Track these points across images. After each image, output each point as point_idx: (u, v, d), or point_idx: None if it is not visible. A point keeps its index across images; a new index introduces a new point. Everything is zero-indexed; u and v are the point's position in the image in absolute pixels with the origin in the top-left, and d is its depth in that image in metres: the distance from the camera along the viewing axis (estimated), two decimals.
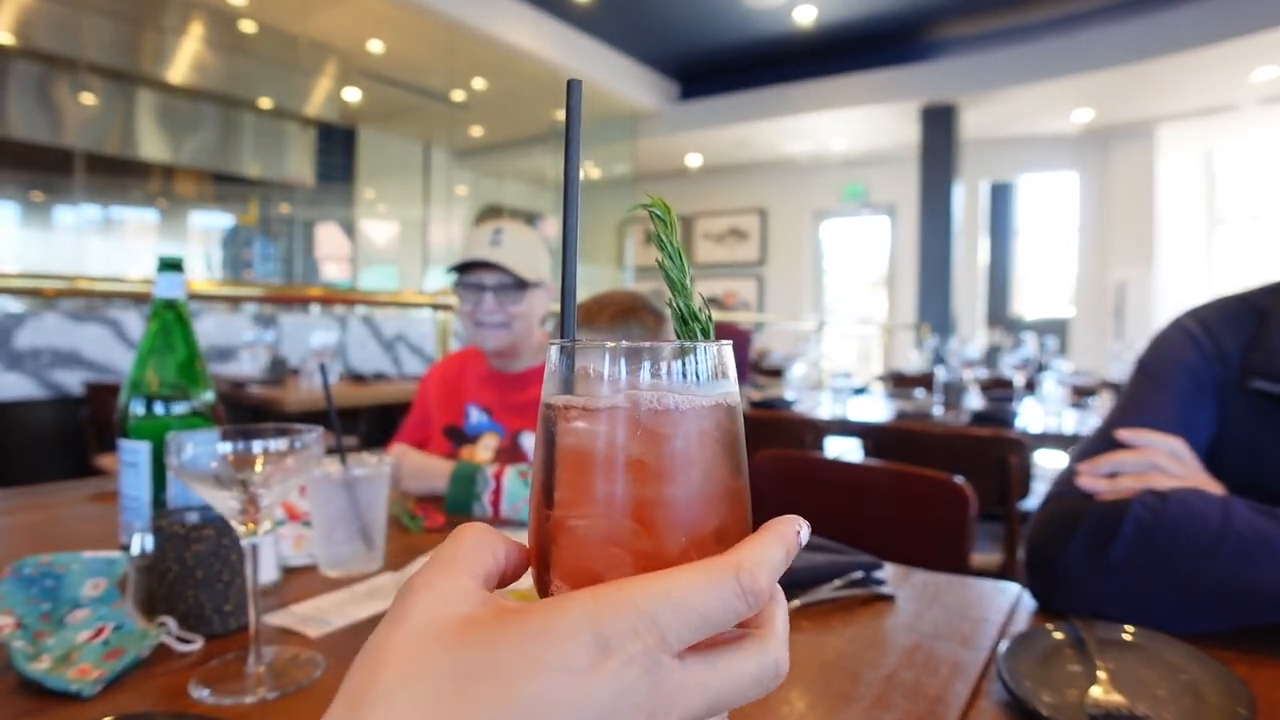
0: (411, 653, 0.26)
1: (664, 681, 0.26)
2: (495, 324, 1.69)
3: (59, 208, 7.50)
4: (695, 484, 0.32)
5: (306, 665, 0.70)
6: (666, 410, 0.32)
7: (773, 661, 0.30)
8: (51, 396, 3.97)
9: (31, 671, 0.66)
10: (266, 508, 0.67)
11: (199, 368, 0.97)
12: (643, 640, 0.26)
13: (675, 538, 0.31)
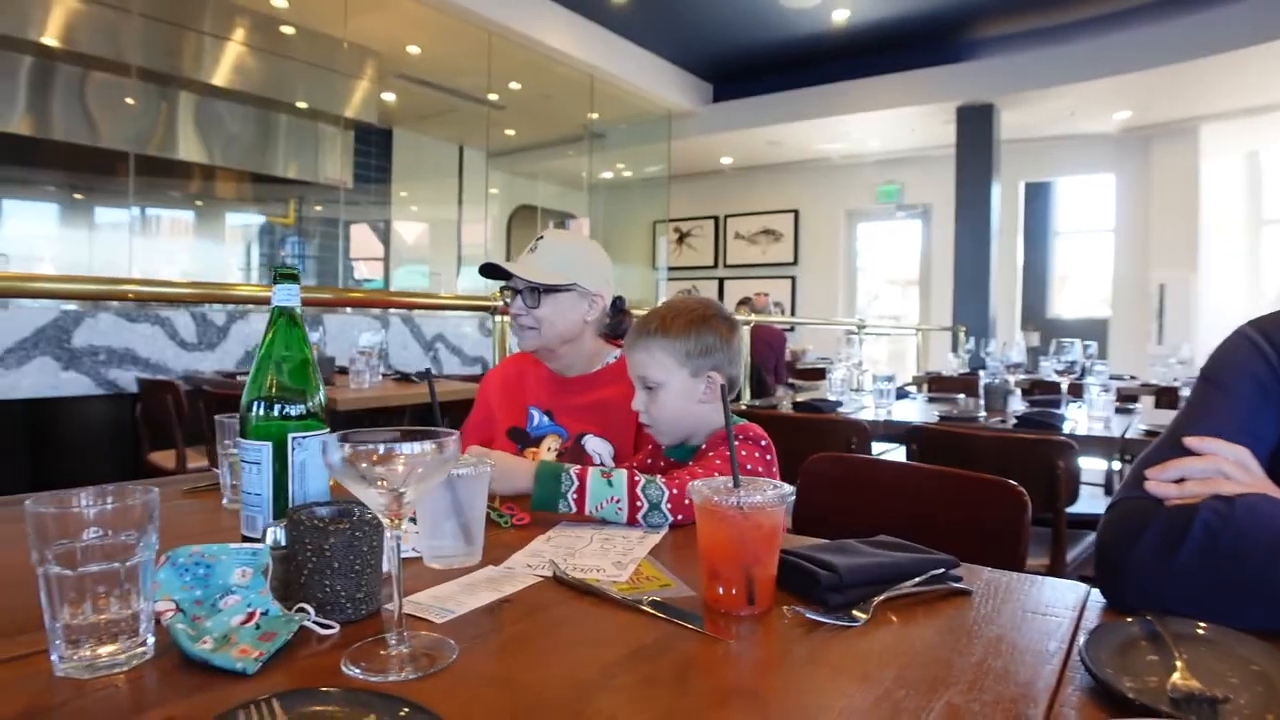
0: None
1: None
2: (524, 326, 1.77)
3: (99, 208, 7.69)
4: None
5: (443, 649, 0.76)
6: None
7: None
8: (106, 393, 4.09)
9: (197, 650, 0.73)
10: (408, 504, 0.73)
11: (311, 372, 1.03)
12: None
13: None
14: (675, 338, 1.44)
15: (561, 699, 0.69)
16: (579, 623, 0.88)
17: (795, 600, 0.93)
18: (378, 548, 0.86)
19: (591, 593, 0.95)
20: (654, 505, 1.25)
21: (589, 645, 0.82)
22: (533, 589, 0.97)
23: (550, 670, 0.76)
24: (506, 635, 0.84)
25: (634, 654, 0.79)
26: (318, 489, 1.01)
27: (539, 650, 0.81)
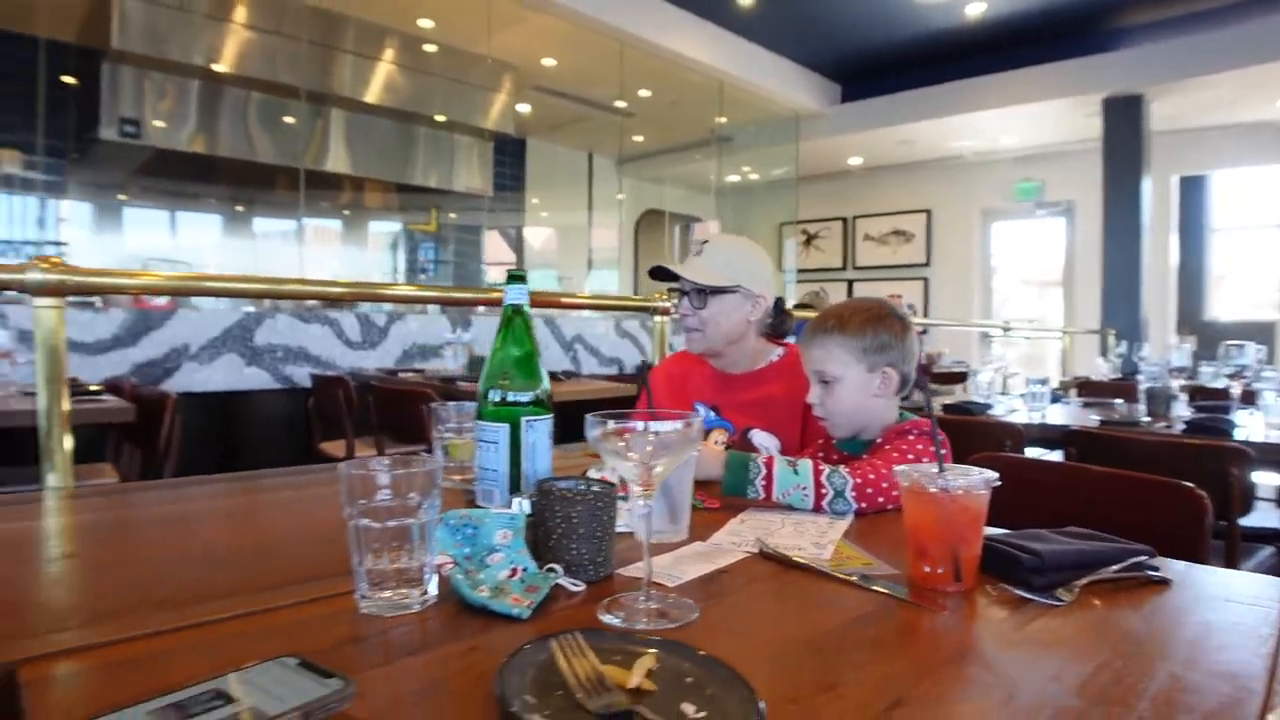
0: None
1: None
2: (689, 327, 1.85)
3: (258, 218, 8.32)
4: None
5: (686, 607, 0.85)
6: None
7: None
8: (282, 388, 4.45)
9: (476, 597, 0.84)
10: (657, 474, 0.82)
11: (536, 363, 1.14)
12: None
13: None
14: (852, 334, 1.49)
15: (802, 654, 0.77)
16: (795, 592, 0.95)
17: (995, 582, 0.98)
18: (613, 518, 0.96)
19: (798, 567, 1.02)
20: (838, 493, 1.31)
21: (810, 611, 0.89)
22: (743, 563, 1.05)
23: (784, 630, 0.84)
24: (734, 600, 0.92)
25: (855, 620, 0.86)
26: (545, 466, 1.12)
27: (767, 613, 0.89)
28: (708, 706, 0.63)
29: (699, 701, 0.63)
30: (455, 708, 0.65)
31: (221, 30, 6.32)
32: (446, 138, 8.20)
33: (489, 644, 0.77)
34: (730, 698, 0.63)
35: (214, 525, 1.31)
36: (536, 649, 0.70)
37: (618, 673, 0.66)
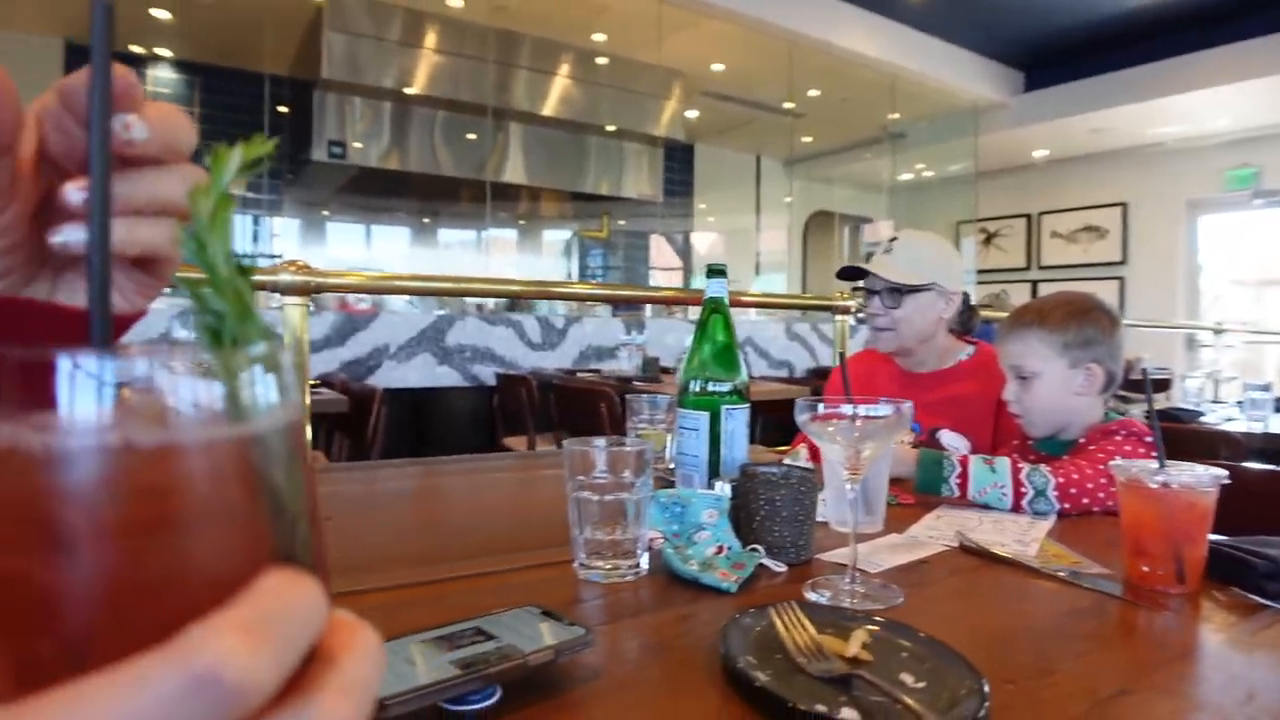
0: None
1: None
2: (883, 327, 1.82)
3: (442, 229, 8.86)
4: (174, 556, 0.21)
5: (890, 592, 0.86)
6: (126, 458, 0.21)
7: None
8: (469, 385, 4.74)
9: (687, 570, 0.89)
10: (865, 458, 0.84)
11: (736, 354, 1.19)
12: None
13: (130, 631, 0.20)
14: (1053, 329, 1.44)
15: (1014, 641, 0.77)
16: (1000, 585, 0.94)
17: (1222, 587, 0.92)
18: (814, 503, 0.99)
19: (1002, 561, 1.01)
20: (1039, 492, 1.27)
21: (1017, 602, 0.88)
22: (943, 555, 1.05)
23: (992, 619, 0.83)
24: (937, 589, 0.92)
25: (1068, 614, 0.84)
26: (742, 453, 1.17)
27: (972, 602, 0.88)
28: (927, 678, 0.64)
29: (917, 673, 0.65)
30: (681, 664, 0.70)
31: (412, 55, 6.80)
32: (617, 146, 8.43)
33: (700, 613, 0.82)
34: (949, 672, 0.65)
35: (439, 500, 1.44)
36: (756, 617, 0.74)
37: (834, 643, 0.69)
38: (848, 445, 0.84)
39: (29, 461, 0.21)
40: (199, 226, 0.25)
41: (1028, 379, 1.46)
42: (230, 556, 0.22)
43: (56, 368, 0.21)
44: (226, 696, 0.18)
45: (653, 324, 5.38)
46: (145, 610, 0.21)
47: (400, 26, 6.58)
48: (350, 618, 0.23)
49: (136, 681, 0.18)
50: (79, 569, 0.20)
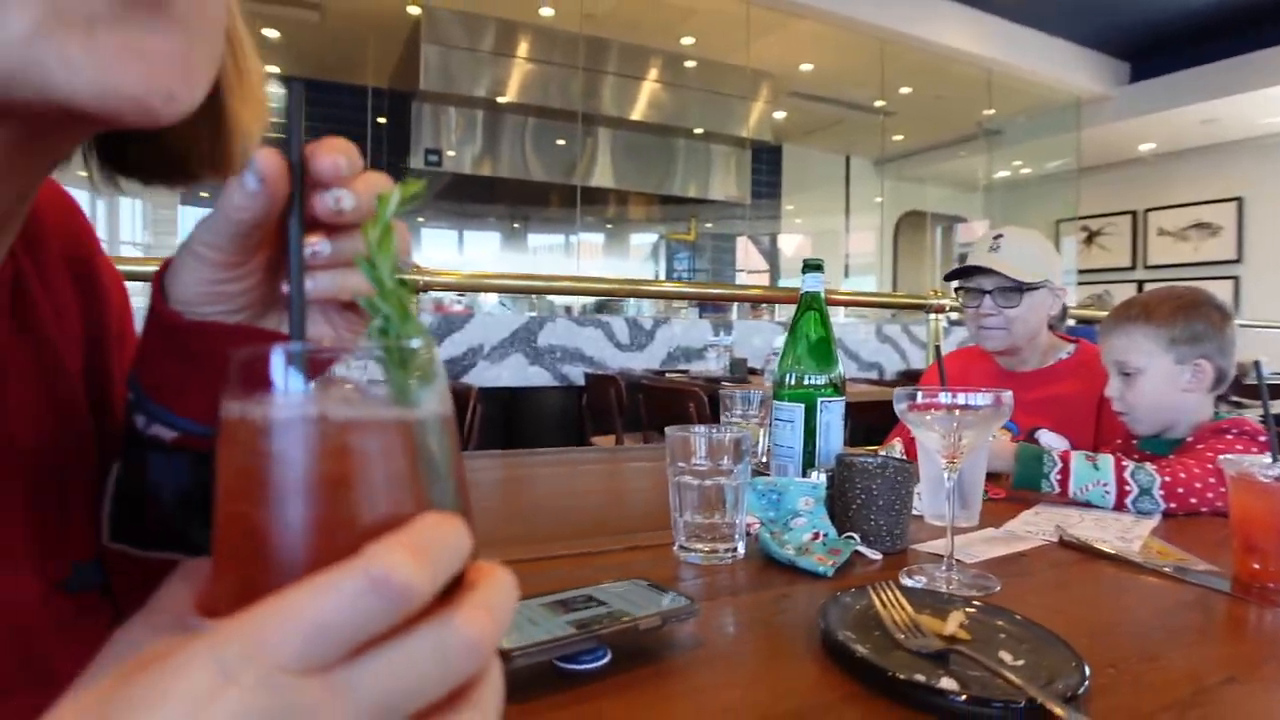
0: (76, 697, 0.25)
1: (298, 702, 0.23)
2: (994, 326, 1.78)
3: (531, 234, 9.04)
4: (354, 505, 0.28)
5: (987, 580, 0.87)
6: (321, 427, 0.28)
7: (454, 633, 0.26)
8: (559, 385, 4.84)
9: (784, 554, 0.92)
10: (965, 447, 0.86)
11: (832, 348, 1.21)
12: (256, 664, 0.23)
13: (322, 560, 0.26)
14: (1159, 324, 1.41)
15: (1116, 629, 0.77)
16: (1102, 579, 0.93)
17: None
18: (910, 493, 1.00)
19: (1104, 556, 1.00)
20: (1144, 491, 1.24)
21: (1120, 595, 0.88)
22: (1041, 549, 1.04)
23: (1093, 609, 0.84)
24: (1036, 580, 0.92)
25: (1173, 607, 0.84)
26: (836, 445, 1.18)
27: (1073, 593, 0.89)
28: (1026, 657, 0.66)
29: (1016, 652, 0.67)
30: (782, 637, 0.73)
31: (505, 65, 6.99)
32: (704, 148, 8.46)
33: (797, 594, 0.85)
34: (1048, 653, 0.66)
35: (536, 488, 1.50)
36: (855, 596, 0.76)
37: (932, 622, 0.71)
38: (946, 434, 0.85)
39: (253, 429, 0.29)
40: (371, 250, 0.32)
41: (1131, 375, 1.43)
42: (397, 506, 0.29)
43: (272, 361, 0.29)
44: (394, 595, 0.24)
45: (740, 325, 5.39)
46: (333, 544, 0.27)
47: (493, 37, 6.78)
48: (490, 563, 0.30)
49: (329, 584, 0.24)
50: (285, 512, 0.28)
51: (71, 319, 0.52)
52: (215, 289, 0.42)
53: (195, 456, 0.48)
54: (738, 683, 0.64)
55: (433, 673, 0.26)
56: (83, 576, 0.48)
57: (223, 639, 0.24)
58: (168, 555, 0.49)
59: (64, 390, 0.49)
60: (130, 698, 0.24)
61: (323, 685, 0.24)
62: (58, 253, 0.52)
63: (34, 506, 0.45)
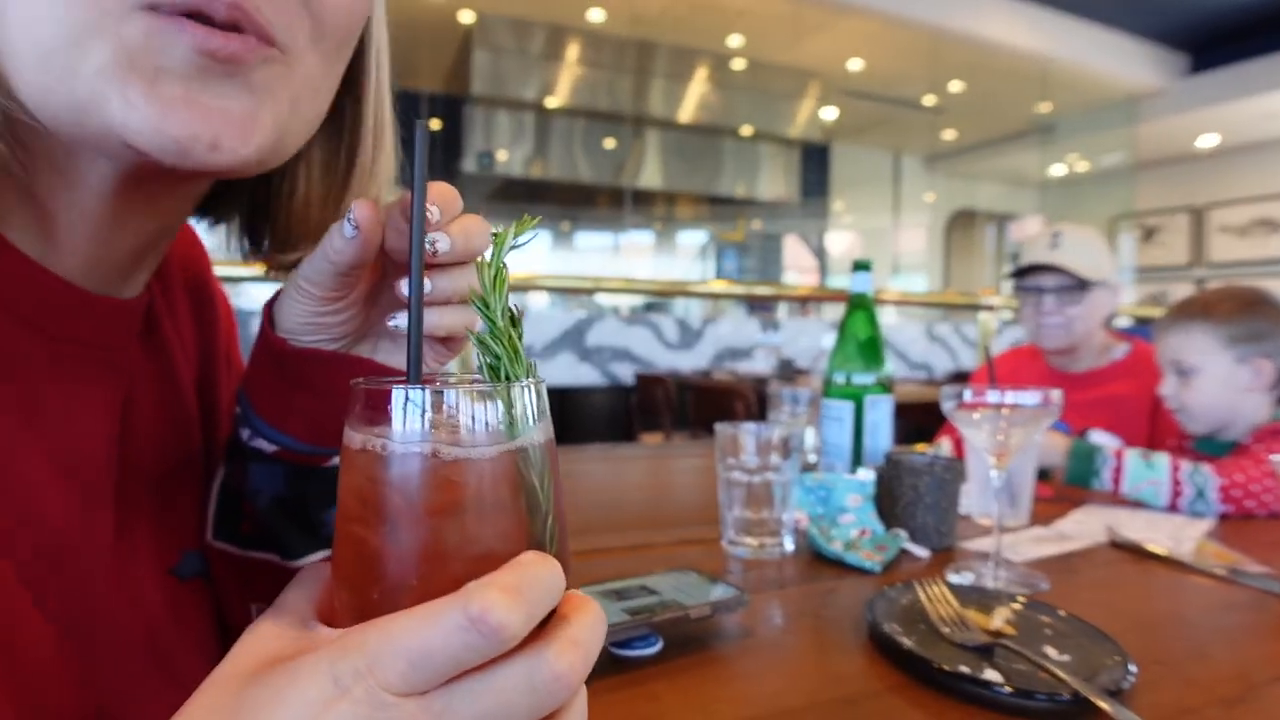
0: (209, 691, 0.29)
1: (395, 717, 0.26)
2: (1054, 325, 1.76)
3: (579, 234, 9.10)
4: (462, 535, 0.30)
5: (1034, 579, 0.88)
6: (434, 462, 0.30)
7: (544, 667, 0.28)
8: (608, 384, 4.88)
9: (831, 549, 0.94)
10: (1013, 446, 0.87)
11: (880, 347, 1.22)
12: (365, 680, 0.26)
13: (429, 585, 0.29)
14: (1219, 322, 1.39)
15: (1164, 627, 0.77)
16: (1152, 579, 0.93)
17: None
18: (958, 491, 1.01)
19: (1155, 558, 1.00)
20: (1200, 492, 1.23)
21: (1171, 594, 0.88)
22: (1091, 549, 1.04)
23: (1142, 607, 0.84)
24: (1084, 578, 0.93)
25: (1225, 607, 0.83)
26: (885, 442, 1.20)
27: (1121, 592, 0.89)
28: (1072, 653, 0.67)
29: (1061, 648, 0.68)
30: (830, 627, 0.75)
31: (554, 69, 7.07)
32: (752, 148, 8.45)
33: (844, 588, 0.86)
34: (1094, 649, 0.67)
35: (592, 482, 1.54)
36: (901, 591, 0.78)
37: (978, 616, 0.73)
38: (993, 433, 0.86)
39: (369, 459, 0.31)
40: (485, 289, 0.34)
41: (1187, 373, 1.41)
42: (499, 538, 0.31)
43: (393, 396, 0.31)
44: (489, 634, 0.26)
45: (788, 325, 5.38)
46: (440, 571, 0.30)
47: (543, 42, 6.86)
48: (582, 595, 0.33)
49: (432, 616, 0.27)
50: (398, 538, 0.31)
51: (188, 338, 0.57)
52: (315, 320, 0.46)
53: (292, 468, 0.52)
54: (785, 671, 0.66)
55: (521, 702, 0.28)
56: (190, 564, 0.52)
57: (339, 654, 0.27)
58: (263, 555, 0.54)
59: (180, 403, 0.54)
60: (257, 699, 0.27)
61: (420, 707, 0.26)
62: (179, 277, 0.57)
63: (153, 502, 0.50)
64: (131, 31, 0.35)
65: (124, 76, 0.35)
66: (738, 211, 9.14)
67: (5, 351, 0.38)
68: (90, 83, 0.35)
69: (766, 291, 5.55)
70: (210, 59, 0.36)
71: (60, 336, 0.41)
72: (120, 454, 0.47)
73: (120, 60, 0.35)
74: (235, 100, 0.38)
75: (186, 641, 0.51)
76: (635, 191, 8.17)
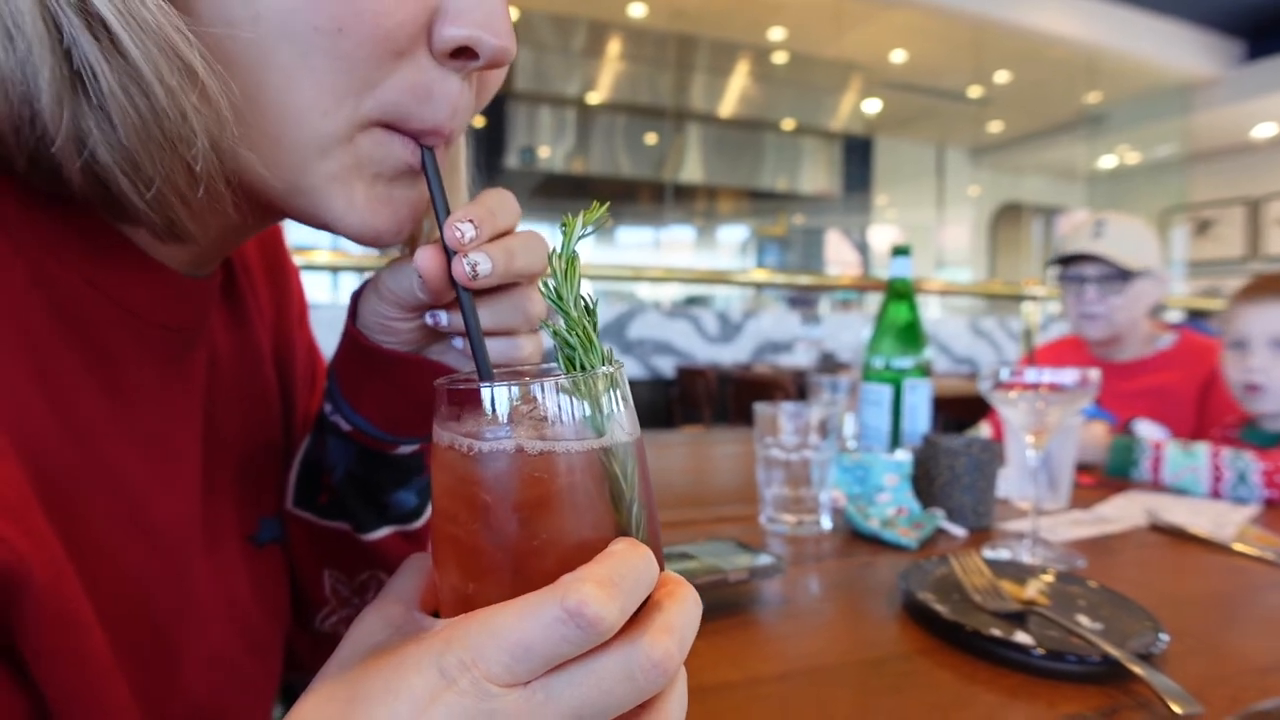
0: (322, 688, 0.31)
1: (501, 709, 0.28)
2: (1097, 315, 1.75)
3: (621, 229, 9.12)
4: (552, 527, 0.31)
5: (1071, 557, 0.89)
6: (520, 456, 0.31)
7: (641, 655, 0.29)
8: (649, 377, 4.91)
9: (868, 527, 0.96)
10: (1048, 425, 0.88)
11: (918, 331, 1.23)
12: (470, 672, 0.27)
13: (526, 577, 0.31)
14: (1260, 299, 1.37)
15: (1201, 603, 0.78)
16: (1191, 560, 0.94)
17: None
18: (995, 473, 1.02)
19: (1195, 540, 1.00)
20: (1241, 477, 1.22)
21: (1209, 574, 0.88)
22: (1130, 532, 1.05)
23: (1179, 586, 0.85)
24: (1121, 558, 0.93)
25: (1264, 587, 0.84)
26: (923, 425, 1.21)
27: (1158, 572, 0.89)
28: (1104, 622, 0.68)
29: (1094, 617, 0.69)
30: (865, 596, 0.77)
31: (595, 65, 7.11)
32: (794, 142, 8.41)
33: (880, 563, 0.88)
34: (1126, 619, 0.68)
35: None
36: (936, 563, 0.80)
37: (1011, 587, 0.74)
38: (1029, 413, 0.87)
39: (456, 457, 0.32)
40: (557, 280, 0.34)
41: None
42: (590, 528, 0.32)
43: (480, 393, 0.32)
44: (586, 626, 0.27)
45: (830, 319, 5.36)
46: (535, 563, 0.31)
47: (584, 37, 6.90)
48: (676, 577, 0.34)
49: (530, 609, 0.28)
50: (489, 532, 0.32)
51: (264, 308, 0.60)
52: (387, 323, 0.49)
53: (363, 449, 0.55)
54: (819, 634, 0.69)
55: (619, 689, 0.29)
56: (268, 531, 0.56)
57: (444, 647, 0.28)
58: (338, 525, 0.57)
59: (260, 375, 0.58)
60: (370, 691, 0.29)
61: (523, 696, 0.28)
62: (254, 250, 0.61)
63: (236, 472, 0.53)
64: (366, 144, 0.40)
65: (349, 180, 0.40)
66: (779, 206, 9.10)
67: (105, 338, 0.40)
68: (323, 182, 0.40)
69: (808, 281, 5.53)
70: (412, 168, 0.42)
71: (154, 321, 0.44)
72: (205, 428, 0.49)
73: (349, 166, 0.40)
74: (416, 192, 0.44)
75: (264, 608, 0.54)
76: (676, 186, 8.18)
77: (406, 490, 0.58)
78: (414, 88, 0.40)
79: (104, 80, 0.32)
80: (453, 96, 0.41)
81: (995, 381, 0.89)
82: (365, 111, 0.39)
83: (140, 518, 0.42)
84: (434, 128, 0.41)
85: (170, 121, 0.34)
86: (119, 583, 0.39)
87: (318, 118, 0.38)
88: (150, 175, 0.35)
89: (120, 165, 0.34)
